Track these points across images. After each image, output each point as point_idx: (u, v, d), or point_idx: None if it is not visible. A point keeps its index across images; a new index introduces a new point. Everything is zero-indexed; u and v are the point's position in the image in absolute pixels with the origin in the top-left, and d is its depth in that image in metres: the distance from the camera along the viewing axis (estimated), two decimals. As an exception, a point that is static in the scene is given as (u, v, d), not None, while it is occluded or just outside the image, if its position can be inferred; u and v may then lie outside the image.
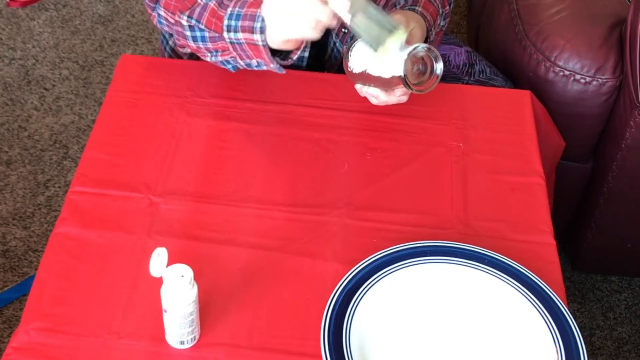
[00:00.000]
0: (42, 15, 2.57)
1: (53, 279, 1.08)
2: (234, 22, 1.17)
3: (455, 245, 1.12)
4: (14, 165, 2.13)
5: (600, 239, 1.80)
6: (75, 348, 1.01)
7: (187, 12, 1.23)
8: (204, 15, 1.21)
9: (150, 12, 1.32)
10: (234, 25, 1.17)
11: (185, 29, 1.24)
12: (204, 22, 1.21)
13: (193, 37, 1.24)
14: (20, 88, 2.34)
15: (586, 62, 1.56)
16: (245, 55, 1.19)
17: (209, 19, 1.21)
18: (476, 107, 1.36)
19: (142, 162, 1.23)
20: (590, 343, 1.84)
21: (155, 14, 1.30)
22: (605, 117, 1.63)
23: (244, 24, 1.15)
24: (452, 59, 1.54)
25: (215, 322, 1.04)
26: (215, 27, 1.20)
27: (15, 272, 1.89)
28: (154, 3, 1.30)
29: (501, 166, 1.27)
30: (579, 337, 1.03)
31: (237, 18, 1.17)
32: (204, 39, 1.23)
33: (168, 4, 1.27)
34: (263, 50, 1.15)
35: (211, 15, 1.20)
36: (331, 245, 1.14)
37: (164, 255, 0.97)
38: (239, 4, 1.18)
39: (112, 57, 2.46)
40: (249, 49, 1.17)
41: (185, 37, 1.25)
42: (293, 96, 1.35)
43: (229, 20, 1.17)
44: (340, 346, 1.00)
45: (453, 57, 1.55)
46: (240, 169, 1.23)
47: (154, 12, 1.30)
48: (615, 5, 1.67)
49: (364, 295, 1.06)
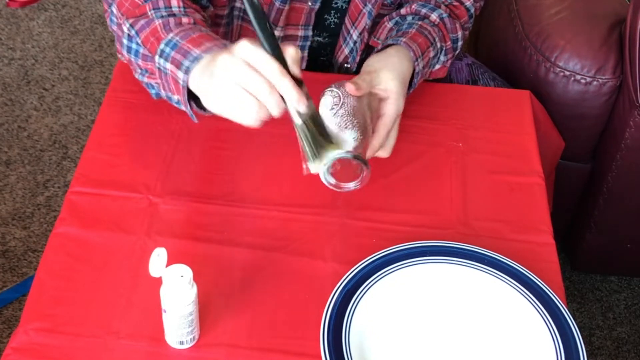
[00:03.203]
0: (41, 15, 2.57)
1: (52, 279, 1.08)
2: (169, 49, 1.09)
3: (455, 245, 1.12)
4: (13, 165, 2.12)
5: (599, 239, 1.80)
6: (75, 348, 1.01)
7: (131, 21, 1.16)
8: (146, 30, 1.14)
9: (106, 9, 1.24)
10: (167, 52, 1.09)
11: (124, 35, 1.18)
12: (141, 38, 1.15)
13: (128, 47, 1.18)
14: (20, 88, 2.34)
15: (586, 62, 1.56)
16: (168, 88, 1.12)
17: (147, 36, 1.14)
18: (476, 107, 1.36)
19: (142, 163, 1.23)
20: (589, 343, 1.84)
21: (108, 10, 1.23)
22: (605, 118, 1.63)
23: (176, 56, 1.08)
24: (454, 76, 1.51)
25: (215, 322, 1.04)
26: (151, 47, 1.13)
27: (15, 272, 1.89)
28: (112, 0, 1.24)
29: (501, 166, 1.27)
30: (578, 337, 1.03)
31: (172, 47, 1.09)
32: (137, 53, 1.17)
33: (122, 4, 1.19)
34: (181, 91, 1.07)
35: (151, 34, 1.13)
36: (331, 245, 1.14)
37: (164, 255, 0.97)
38: (182, 34, 1.10)
39: (111, 57, 2.46)
40: (172, 82, 1.09)
41: (122, 43, 1.19)
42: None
43: (165, 45, 1.10)
44: (339, 346, 1.00)
45: (454, 75, 1.51)
46: (239, 169, 1.23)
47: (110, 8, 1.23)
48: (615, 5, 1.67)
49: (363, 296, 1.06)
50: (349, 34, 1.36)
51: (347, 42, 1.37)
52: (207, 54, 1.04)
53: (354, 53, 1.38)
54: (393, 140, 1.18)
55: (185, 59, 1.06)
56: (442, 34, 1.31)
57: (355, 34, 1.35)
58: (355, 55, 1.38)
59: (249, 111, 0.98)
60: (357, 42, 1.37)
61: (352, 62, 1.40)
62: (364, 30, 1.35)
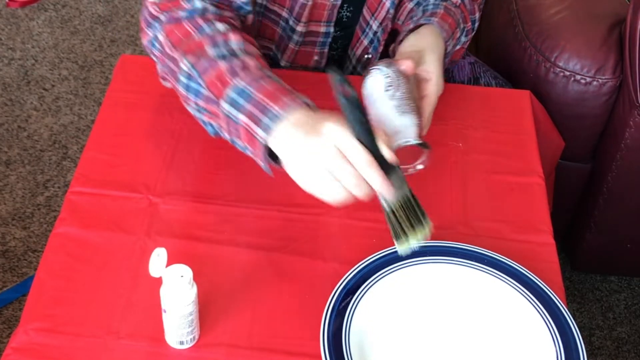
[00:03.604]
0: (41, 15, 2.57)
1: (52, 279, 1.08)
2: (241, 99, 1.04)
3: (455, 245, 1.12)
4: (13, 165, 2.12)
5: (599, 239, 1.80)
6: (75, 348, 1.01)
7: (191, 59, 1.10)
8: (209, 72, 1.08)
9: (144, 28, 1.18)
10: (239, 103, 1.04)
11: (181, 72, 1.11)
12: (206, 81, 1.08)
13: (186, 86, 1.12)
14: (20, 88, 2.34)
15: (586, 62, 1.56)
16: (237, 135, 1.07)
17: (213, 80, 1.08)
18: (476, 107, 1.36)
19: (142, 163, 1.23)
20: (589, 343, 1.84)
21: (150, 33, 1.17)
22: (605, 118, 1.63)
23: (251, 109, 1.03)
24: (456, 75, 1.52)
25: (215, 322, 1.04)
26: (217, 91, 1.07)
27: (15, 272, 1.89)
28: (153, 19, 1.16)
29: (501, 166, 1.27)
30: (578, 337, 1.03)
31: (245, 97, 1.04)
32: (198, 93, 1.10)
33: (171, 32, 1.14)
34: (260, 148, 1.03)
35: (217, 78, 1.07)
36: (331, 245, 1.14)
37: (164, 255, 0.97)
38: (253, 83, 1.05)
39: (111, 57, 2.46)
40: (244, 134, 1.05)
41: (177, 79, 1.13)
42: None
43: (235, 93, 1.05)
44: (339, 346, 1.00)
45: (457, 72, 1.53)
46: (239, 169, 1.23)
47: (150, 29, 1.17)
48: (615, 5, 1.67)
49: (363, 295, 1.06)
50: (368, 25, 1.36)
51: (366, 33, 1.37)
52: (287, 112, 1.01)
53: (375, 43, 1.38)
54: (430, 120, 1.20)
55: (264, 115, 1.02)
56: (463, 15, 1.32)
57: (375, 24, 1.35)
58: (377, 45, 1.39)
59: (335, 195, 0.98)
60: (377, 33, 1.37)
61: (373, 52, 1.40)
62: (386, 19, 1.35)
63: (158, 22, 1.15)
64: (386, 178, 0.97)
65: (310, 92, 1.33)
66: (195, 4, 1.14)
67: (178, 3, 1.15)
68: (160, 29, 1.15)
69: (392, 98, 1.12)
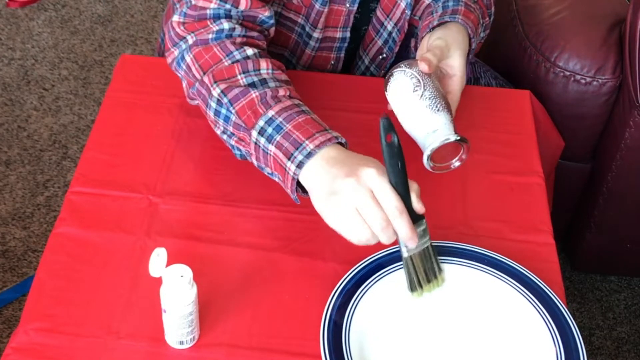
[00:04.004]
0: (41, 15, 2.57)
1: (52, 279, 1.08)
2: (272, 130, 1.06)
3: (455, 245, 1.12)
4: (13, 165, 2.12)
5: (599, 238, 1.80)
6: (75, 348, 1.01)
7: (222, 87, 1.11)
8: (241, 101, 1.10)
9: (169, 47, 1.18)
10: (269, 133, 1.06)
11: (211, 98, 1.13)
12: (236, 108, 1.10)
13: (216, 111, 1.13)
14: (20, 88, 2.34)
15: (586, 62, 1.56)
16: (264, 162, 1.09)
17: (244, 108, 1.09)
18: (475, 107, 1.36)
19: (142, 163, 1.23)
20: (589, 343, 1.84)
21: (175, 51, 1.17)
22: (605, 117, 1.63)
23: (284, 142, 1.05)
24: None
25: (215, 323, 1.04)
26: (247, 120, 1.09)
27: (15, 272, 1.89)
28: (179, 39, 1.16)
29: (500, 166, 1.27)
30: (578, 337, 1.03)
31: (277, 129, 1.06)
32: (227, 119, 1.12)
33: (200, 55, 1.14)
34: (290, 180, 1.05)
35: (248, 107, 1.09)
36: (330, 245, 1.14)
37: (163, 255, 0.97)
38: (284, 115, 1.07)
39: (111, 57, 2.46)
40: (274, 165, 1.07)
41: (207, 104, 1.14)
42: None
43: (267, 124, 1.06)
44: (339, 346, 1.00)
45: None
46: (239, 169, 1.23)
47: (175, 48, 1.17)
48: (615, 5, 1.67)
49: (363, 296, 1.05)
50: (382, 25, 1.36)
51: (380, 34, 1.38)
52: (320, 149, 1.03)
53: (390, 43, 1.39)
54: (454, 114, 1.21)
55: (296, 150, 1.04)
56: (482, 10, 1.33)
57: (390, 25, 1.35)
58: (393, 46, 1.39)
59: (360, 236, 1.00)
60: (392, 33, 1.37)
61: (388, 52, 1.40)
62: (401, 20, 1.35)
63: (184, 42, 1.16)
64: (414, 228, 1.01)
65: (328, 93, 1.34)
66: (222, 25, 1.15)
67: (205, 24, 1.16)
68: (187, 50, 1.16)
69: (422, 98, 1.13)
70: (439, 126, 1.11)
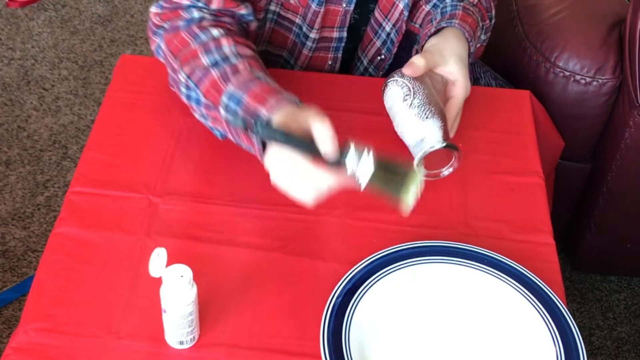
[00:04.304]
0: (41, 15, 2.57)
1: (52, 279, 1.08)
2: (233, 105, 1.09)
3: (455, 245, 1.12)
4: (13, 165, 2.12)
5: (599, 238, 1.80)
6: (75, 348, 1.01)
7: (187, 71, 1.16)
8: (204, 82, 1.14)
9: (150, 36, 1.25)
10: (232, 108, 1.09)
11: (181, 84, 1.18)
12: (202, 90, 1.14)
13: (187, 95, 1.18)
14: (20, 88, 2.34)
15: (586, 62, 1.56)
16: (239, 138, 1.13)
17: (208, 88, 1.13)
18: (475, 107, 1.36)
19: (141, 163, 1.23)
20: (589, 343, 1.84)
21: (156, 39, 1.23)
22: (605, 118, 1.63)
23: (244, 115, 1.08)
24: None
25: (215, 323, 1.04)
26: (213, 100, 1.13)
27: (15, 272, 1.89)
28: (157, 28, 1.23)
29: (500, 166, 1.27)
30: (578, 337, 1.03)
31: (237, 103, 1.09)
32: (198, 102, 1.16)
33: (170, 41, 1.19)
34: (258, 150, 1.08)
35: (211, 86, 1.13)
36: (330, 245, 1.14)
37: (163, 255, 0.97)
38: (240, 83, 1.10)
39: (111, 57, 2.46)
40: (244, 137, 1.11)
41: (180, 90, 1.20)
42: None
43: (229, 100, 1.10)
44: (339, 346, 1.00)
45: None
46: (239, 169, 1.23)
47: (155, 37, 1.23)
48: (615, 5, 1.67)
49: (363, 296, 1.06)
50: (380, 26, 1.36)
51: (378, 34, 1.38)
52: (273, 114, 1.05)
53: (388, 44, 1.39)
54: (458, 122, 1.22)
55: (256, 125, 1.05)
56: (481, 13, 1.33)
57: (388, 26, 1.36)
58: (391, 47, 1.39)
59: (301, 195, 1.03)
60: (391, 34, 1.37)
61: (386, 54, 1.40)
62: (399, 21, 1.35)
63: (162, 30, 1.21)
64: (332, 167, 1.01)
65: (327, 93, 1.34)
66: (193, 14, 1.19)
67: (178, 13, 1.20)
68: (162, 38, 1.21)
69: (411, 106, 1.14)
70: (426, 134, 1.11)
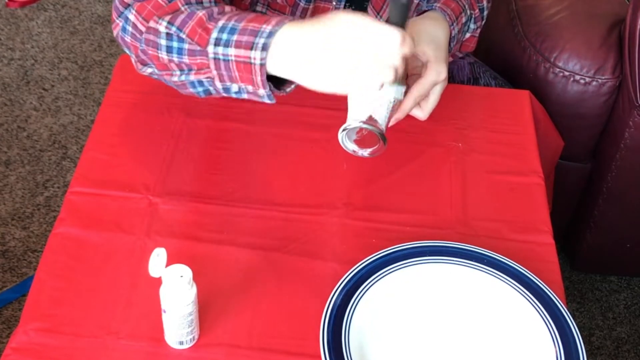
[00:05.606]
0: (41, 15, 2.57)
1: (52, 280, 1.08)
2: (227, 35, 1.03)
3: (454, 245, 1.12)
4: (13, 165, 2.12)
5: (599, 238, 1.80)
6: (74, 348, 1.01)
7: (168, 18, 1.09)
8: (189, 23, 1.07)
9: (114, 19, 1.17)
10: (225, 39, 1.03)
11: (160, 36, 1.09)
12: (186, 31, 1.07)
13: (168, 47, 1.09)
14: (19, 88, 2.34)
15: (586, 62, 1.56)
16: (228, 77, 1.06)
17: (194, 28, 1.06)
18: (475, 107, 1.36)
19: (141, 163, 1.23)
20: (589, 343, 1.84)
21: (120, 21, 1.15)
22: (604, 118, 1.63)
23: (241, 38, 1.02)
24: (456, 74, 1.52)
25: (215, 323, 1.04)
26: (199, 39, 1.06)
27: (14, 272, 1.89)
28: (124, 7, 1.15)
29: (500, 166, 1.27)
30: (578, 337, 1.03)
31: (231, 31, 1.03)
32: (180, 51, 1.08)
33: (143, 7, 1.12)
34: (258, 71, 1.01)
35: (197, 25, 1.06)
36: (330, 245, 1.14)
37: (163, 255, 0.97)
38: (234, 18, 1.05)
39: (111, 58, 2.46)
40: (237, 68, 1.04)
41: (158, 45, 1.10)
42: (292, 96, 1.34)
43: (220, 32, 1.04)
44: (339, 346, 1.00)
45: (456, 72, 1.52)
46: (239, 169, 1.23)
47: (120, 17, 1.15)
48: (615, 5, 1.67)
49: (363, 296, 1.06)
50: None
51: None
52: (280, 26, 1.00)
53: None
54: (432, 104, 1.22)
55: (256, 37, 1.01)
56: (470, 1, 1.33)
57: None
58: None
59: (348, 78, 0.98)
60: None
61: None
62: None
63: (130, 7, 1.14)
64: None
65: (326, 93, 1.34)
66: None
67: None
68: (131, 9, 1.14)
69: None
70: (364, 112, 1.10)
